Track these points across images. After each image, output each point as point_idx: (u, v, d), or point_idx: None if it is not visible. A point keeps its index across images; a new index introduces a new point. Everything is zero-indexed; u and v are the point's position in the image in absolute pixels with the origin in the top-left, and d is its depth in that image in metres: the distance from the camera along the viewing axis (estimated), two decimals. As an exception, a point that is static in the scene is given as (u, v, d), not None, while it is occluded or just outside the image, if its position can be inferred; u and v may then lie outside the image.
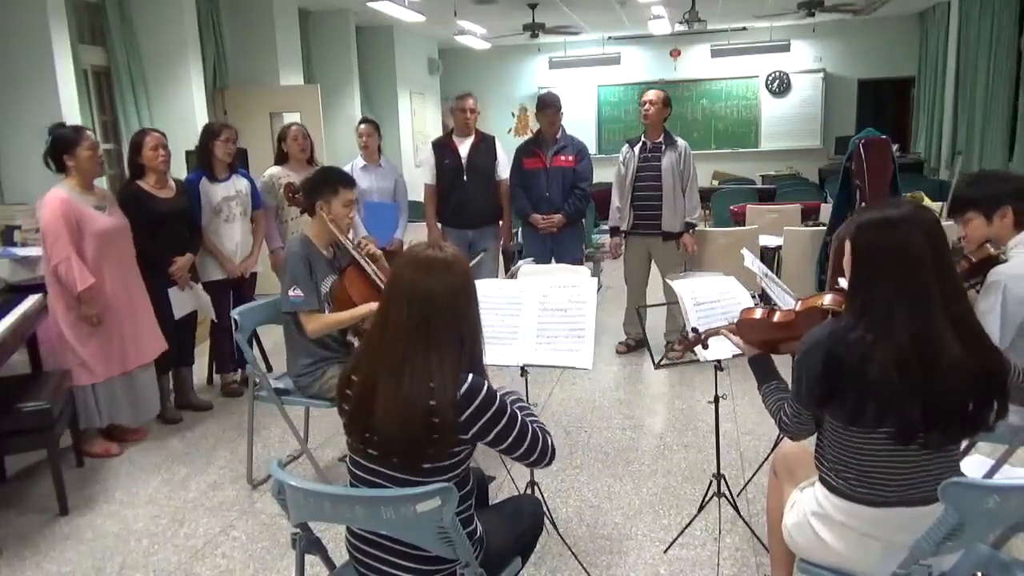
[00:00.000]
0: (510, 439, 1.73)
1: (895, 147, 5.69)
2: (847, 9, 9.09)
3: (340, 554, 1.93)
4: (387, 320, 1.72)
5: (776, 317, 2.11)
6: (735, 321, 2.23)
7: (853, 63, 11.67)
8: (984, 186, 2.54)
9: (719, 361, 2.64)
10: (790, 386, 1.89)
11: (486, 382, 1.70)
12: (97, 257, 3.52)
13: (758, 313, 2.15)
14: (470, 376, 1.68)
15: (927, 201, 5.79)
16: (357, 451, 1.75)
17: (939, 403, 1.62)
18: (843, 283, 1.89)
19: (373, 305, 3.06)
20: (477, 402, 1.66)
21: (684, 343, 2.41)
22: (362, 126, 5.10)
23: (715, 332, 2.34)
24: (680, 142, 4.80)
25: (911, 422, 1.63)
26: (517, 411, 1.76)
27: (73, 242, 3.42)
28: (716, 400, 2.85)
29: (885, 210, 1.71)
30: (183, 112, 6.20)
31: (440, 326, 1.67)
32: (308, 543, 1.80)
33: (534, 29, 9.64)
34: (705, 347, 2.42)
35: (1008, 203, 2.45)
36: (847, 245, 1.76)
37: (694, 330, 2.41)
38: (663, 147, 4.75)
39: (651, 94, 4.80)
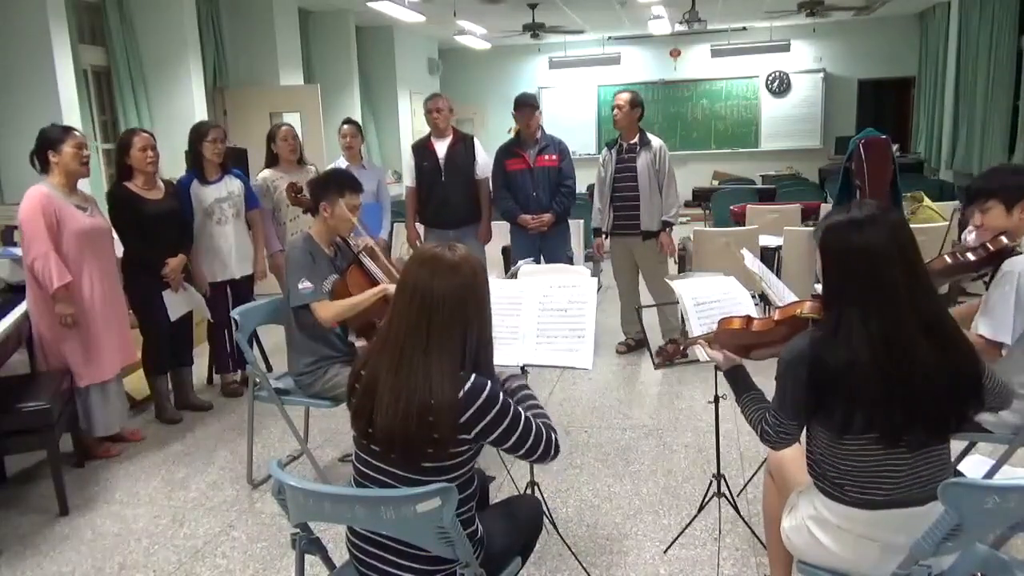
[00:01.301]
0: (513, 439, 1.73)
1: (895, 147, 5.70)
2: (847, 9, 9.10)
3: (340, 554, 1.93)
4: (392, 316, 1.73)
5: (755, 326, 2.09)
6: (713, 330, 2.22)
7: (853, 63, 11.68)
8: (1009, 177, 2.55)
9: (703, 336, 2.63)
10: (771, 397, 1.88)
11: (489, 382, 1.69)
12: (77, 258, 3.45)
13: (737, 323, 2.13)
14: (473, 376, 1.68)
15: (927, 201, 5.79)
16: (361, 446, 1.76)
17: (917, 403, 1.64)
18: (819, 288, 1.89)
19: (385, 286, 3.08)
20: (479, 403, 1.66)
21: (663, 354, 2.41)
22: (345, 127, 5.10)
23: (693, 342, 2.35)
24: (655, 142, 4.82)
25: (894, 424, 1.64)
26: (521, 410, 1.76)
27: (52, 238, 3.34)
28: (716, 400, 2.85)
29: (850, 212, 1.73)
30: (183, 112, 6.20)
31: (440, 325, 1.67)
32: (308, 543, 1.81)
33: (534, 29, 9.65)
34: (684, 356, 2.42)
35: None
36: (817, 251, 1.78)
37: (672, 341, 2.41)
38: (638, 148, 4.78)
39: (619, 98, 4.82)
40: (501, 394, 1.71)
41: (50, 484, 3.22)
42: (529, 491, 2.74)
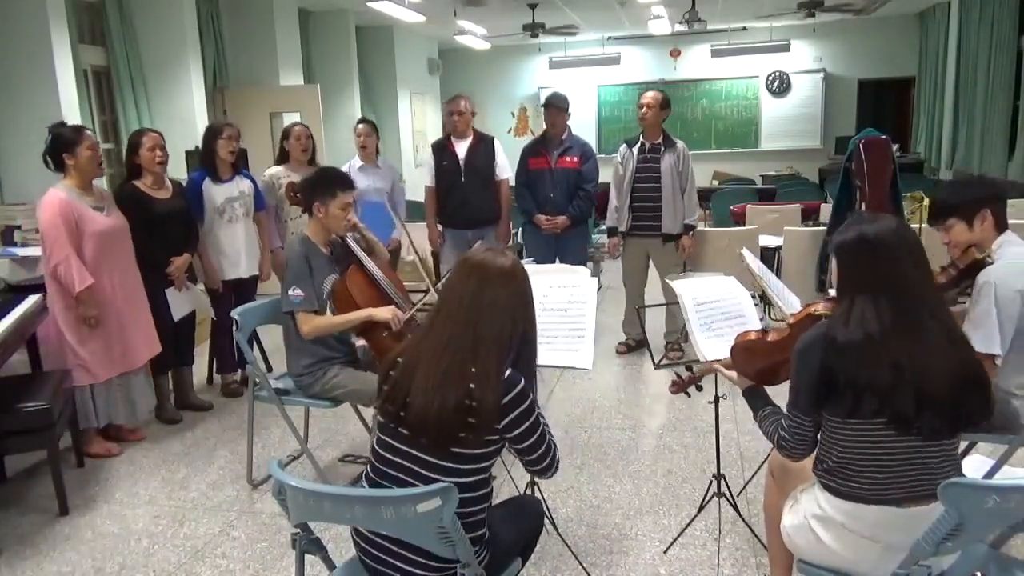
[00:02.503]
0: (532, 439, 1.78)
1: (895, 147, 5.70)
2: (847, 9, 9.09)
3: (340, 554, 1.93)
4: (440, 312, 1.78)
5: (771, 337, 2.10)
6: (727, 357, 2.23)
7: (853, 63, 11.67)
8: (962, 192, 2.58)
9: (719, 361, 2.64)
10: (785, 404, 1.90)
11: (522, 378, 1.75)
12: (96, 258, 3.50)
13: (752, 335, 2.14)
14: (508, 370, 1.73)
15: (927, 201, 5.78)
16: (388, 431, 1.77)
17: (927, 388, 1.66)
18: (832, 293, 1.93)
19: (370, 311, 3.06)
20: (514, 392, 1.71)
21: (679, 384, 2.42)
22: (360, 126, 5.10)
23: (709, 370, 2.35)
24: (679, 144, 4.78)
25: (904, 409, 1.66)
26: (541, 418, 1.81)
27: (72, 242, 3.40)
28: (716, 400, 2.84)
29: (861, 227, 1.79)
30: (183, 112, 6.20)
31: (493, 329, 1.72)
32: (308, 543, 1.81)
33: (534, 29, 9.65)
34: (699, 388, 2.44)
35: (986, 206, 2.49)
36: (832, 259, 1.85)
37: (688, 368, 2.42)
38: (662, 148, 4.74)
39: (648, 96, 4.76)
40: (532, 394, 1.77)
41: (50, 484, 3.22)
42: (529, 491, 2.74)
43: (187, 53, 6.22)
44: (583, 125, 12.11)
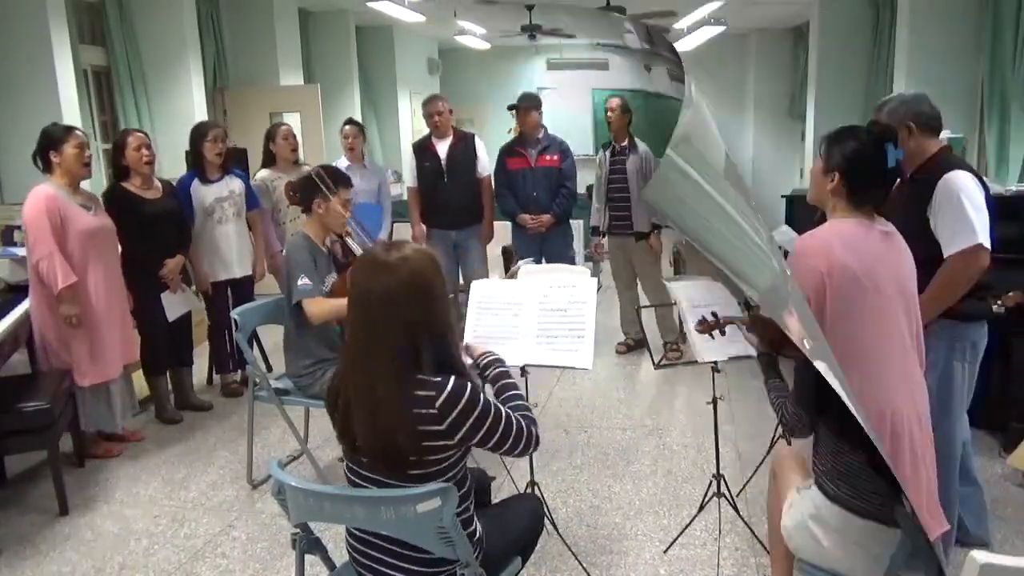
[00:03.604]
0: (495, 438, 1.70)
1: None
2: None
3: (340, 554, 1.93)
4: (348, 326, 1.72)
5: None
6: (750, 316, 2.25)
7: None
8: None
9: (716, 363, 2.66)
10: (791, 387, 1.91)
11: (469, 383, 1.66)
12: (82, 257, 3.45)
13: None
14: (452, 379, 1.63)
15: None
16: (350, 457, 1.75)
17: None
18: None
19: None
20: (461, 405, 1.62)
21: (705, 324, 2.42)
22: (347, 127, 5.12)
23: (731, 321, 2.37)
24: (641, 146, 4.92)
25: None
26: (500, 407, 1.73)
27: (56, 238, 3.35)
28: (715, 401, 2.85)
29: None
30: (183, 112, 6.19)
31: (386, 331, 1.62)
32: (308, 543, 1.81)
33: (531, 30, 9.65)
34: (723, 332, 2.43)
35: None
36: None
37: (713, 313, 2.43)
38: (628, 151, 4.90)
39: (611, 102, 4.95)
40: (482, 395, 1.68)
41: (50, 484, 3.22)
42: (529, 491, 2.74)
43: (187, 53, 6.22)
44: (580, 126, 12.12)
